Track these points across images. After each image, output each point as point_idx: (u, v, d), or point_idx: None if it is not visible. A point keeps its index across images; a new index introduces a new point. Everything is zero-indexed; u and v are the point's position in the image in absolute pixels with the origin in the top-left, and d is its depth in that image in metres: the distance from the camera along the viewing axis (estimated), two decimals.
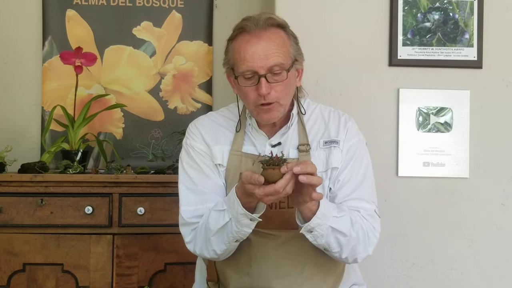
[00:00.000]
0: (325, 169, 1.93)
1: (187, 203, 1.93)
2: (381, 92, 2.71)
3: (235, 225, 1.77)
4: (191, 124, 2.06)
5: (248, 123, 1.99)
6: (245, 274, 1.90)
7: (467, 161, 2.70)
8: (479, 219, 2.71)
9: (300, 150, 1.94)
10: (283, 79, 1.85)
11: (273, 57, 1.82)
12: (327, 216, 1.76)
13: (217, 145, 1.97)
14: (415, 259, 2.70)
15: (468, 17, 2.71)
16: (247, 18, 1.90)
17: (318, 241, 1.79)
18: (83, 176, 2.68)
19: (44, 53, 3.16)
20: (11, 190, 2.65)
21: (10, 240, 2.64)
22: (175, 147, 3.13)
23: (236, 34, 1.88)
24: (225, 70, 1.96)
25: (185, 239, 1.93)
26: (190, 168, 1.97)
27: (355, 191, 1.92)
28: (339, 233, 1.79)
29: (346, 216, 1.82)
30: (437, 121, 2.70)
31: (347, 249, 1.83)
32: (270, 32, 1.85)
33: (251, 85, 1.85)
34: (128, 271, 2.66)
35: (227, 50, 1.92)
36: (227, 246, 1.83)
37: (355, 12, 2.71)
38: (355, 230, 1.83)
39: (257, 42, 1.83)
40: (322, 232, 1.77)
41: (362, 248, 1.87)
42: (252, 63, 1.82)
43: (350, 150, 1.96)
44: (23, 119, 3.18)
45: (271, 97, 1.84)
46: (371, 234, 1.89)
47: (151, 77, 3.20)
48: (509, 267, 2.71)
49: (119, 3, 3.20)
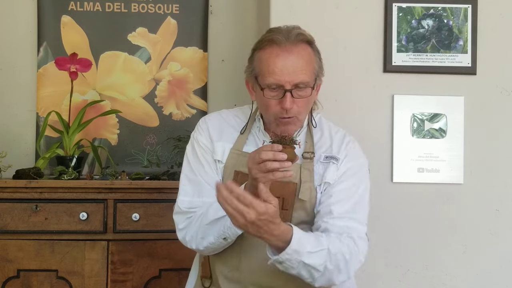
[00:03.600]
0: (319, 183, 1.94)
1: (184, 194, 1.98)
2: (375, 98, 2.71)
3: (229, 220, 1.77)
4: (202, 118, 2.11)
5: (256, 125, 2.03)
6: (234, 268, 1.92)
7: (461, 167, 2.70)
8: (474, 225, 2.71)
9: (304, 157, 1.96)
10: (307, 95, 1.89)
11: (300, 74, 1.86)
12: (300, 252, 1.74)
13: (221, 141, 2.00)
14: (409, 265, 2.70)
15: (462, 23, 2.72)
16: (276, 30, 1.93)
17: (288, 271, 1.77)
18: (78, 182, 2.67)
19: (39, 59, 3.16)
20: (6, 196, 2.64)
21: (4, 246, 2.63)
22: (170, 153, 3.13)
23: (265, 45, 1.90)
24: (245, 76, 1.99)
25: (178, 226, 1.96)
26: (192, 159, 2.01)
27: (351, 211, 1.91)
28: (312, 268, 1.77)
29: (323, 251, 1.79)
30: (432, 127, 2.71)
31: (321, 280, 1.81)
32: (300, 48, 1.89)
33: (275, 97, 1.88)
34: (122, 277, 2.65)
35: (252, 58, 1.95)
36: (215, 240, 1.85)
37: (350, 18, 2.72)
38: (332, 263, 1.80)
39: (287, 57, 1.86)
40: (293, 265, 1.75)
41: (341, 276, 1.84)
42: (280, 77, 1.85)
43: (350, 170, 1.96)
44: (18, 125, 3.17)
45: (293, 111, 1.88)
46: (355, 259, 1.86)
47: (146, 83, 3.20)
48: (503, 273, 2.72)
49: (114, 9, 3.20)
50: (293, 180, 1.91)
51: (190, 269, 2.15)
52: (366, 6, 2.72)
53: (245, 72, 1.99)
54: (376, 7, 2.72)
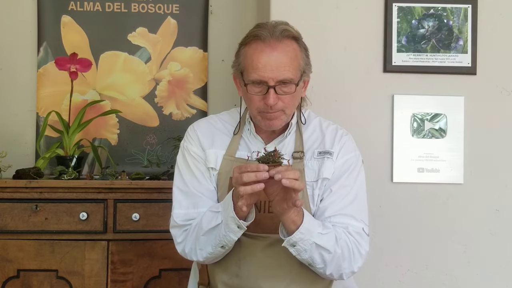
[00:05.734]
0: (315, 179, 1.94)
1: (179, 206, 1.96)
2: (375, 98, 2.71)
3: (224, 228, 1.80)
4: (190, 126, 2.08)
5: (247, 128, 2.01)
6: (234, 275, 1.91)
7: (461, 167, 2.70)
8: (474, 225, 2.71)
9: (294, 157, 1.95)
10: (291, 92, 1.87)
11: (284, 71, 1.85)
12: (311, 232, 1.78)
13: (212, 148, 1.98)
14: (409, 264, 2.70)
15: (462, 23, 2.72)
16: (262, 25, 1.92)
17: (301, 256, 1.80)
18: (78, 182, 2.67)
19: (39, 59, 3.16)
20: (6, 196, 2.64)
21: (4, 246, 2.63)
22: (170, 153, 3.13)
23: (250, 40, 1.90)
24: (232, 71, 1.99)
25: (176, 239, 1.95)
26: (184, 170, 1.99)
27: (346, 207, 1.92)
28: (323, 250, 1.80)
29: (331, 233, 1.83)
30: (432, 127, 2.71)
31: (331, 266, 1.84)
32: (284, 44, 1.88)
33: (258, 93, 1.87)
34: (122, 277, 2.65)
35: (238, 53, 1.95)
36: (213, 250, 1.85)
37: (350, 18, 2.72)
38: (339, 247, 1.83)
39: (271, 53, 1.85)
40: (306, 247, 1.78)
41: (347, 264, 1.87)
42: (264, 73, 1.84)
43: (345, 164, 1.97)
44: (18, 125, 3.17)
45: (278, 107, 1.87)
46: (356, 250, 1.88)
47: (146, 83, 3.20)
48: (503, 273, 2.72)
49: (114, 9, 3.20)
50: None
51: (190, 271, 2.14)
52: (366, 6, 2.72)
53: (232, 67, 1.99)
54: (376, 7, 2.72)
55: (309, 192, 1.93)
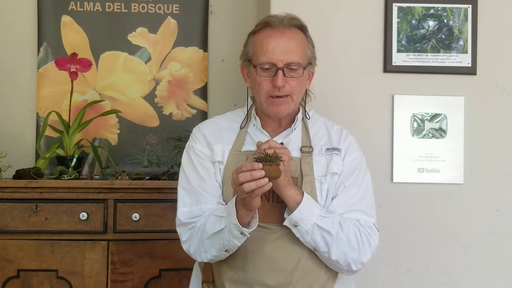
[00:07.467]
0: (324, 174, 1.97)
1: (183, 205, 1.99)
2: (375, 98, 2.71)
3: (227, 234, 1.83)
4: (195, 127, 2.12)
5: (253, 123, 2.05)
6: (240, 269, 1.92)
7: (461, 167, 2.70)
8: (474, 225, 2.71)
9: (303, 151, 1.99)
10: (299, 76, 1.94)
11: (292, 54, 1.92)
12: (311, 212, 1.85)
13: (219, 143, 2.02)
14: (409, 265, 2.70)
15: (462, 23, 2.72)
16: (272, 15, 2.01)
17: (304, 238, 1.86)
18: (78, 182, 2.67)
19: (39, 59, 3.16)
20: (6, 196, 2.64)
21: (4, 246, 2.63)
22: (170, 153, 3.13)
23: (259, 28, 1.98)
24: (240, 63, 2.04)
25: (182, 238, 1.98)
26: (188, 169, 2.02)
27: (357, 203, 1.97)
28: (325, 232, 1.85)
29: (334, 218, 1.89)
30: (432, 127, 2.71)
31: (335, 250, 1.87)
32: (293, 31, 1.97)
33: (267, 76, 1.93)
34: (123, 277, 2.65)
35: (247, 43, 2.02)
36: (217, 253, 1.88)
37: (350, 19, 2.72)
38: (344, 233, 1.88)
39: (280, 37, 1.93)
40: (307, 228, 1.84)
41: (356, 254, 1.90)
42: (273, 55, 1.91)
43: (354, 162, 2.02)
44: (18, 125, 3.17)
45: (285, 90, 1.93)
46: (366, 241, 1.92)
47: (146, 83, 3.20)
48: (503, 273, 2.72)
49: (114, 9, 3.20)
50: (293, 174, 1.94)
51: (192, 271, 2.14)
52: (366, 6, 2.72)
53: (240, 58, 2.04)
54: (376, 7, 2.72)
55: (317, 185, 1.96)
